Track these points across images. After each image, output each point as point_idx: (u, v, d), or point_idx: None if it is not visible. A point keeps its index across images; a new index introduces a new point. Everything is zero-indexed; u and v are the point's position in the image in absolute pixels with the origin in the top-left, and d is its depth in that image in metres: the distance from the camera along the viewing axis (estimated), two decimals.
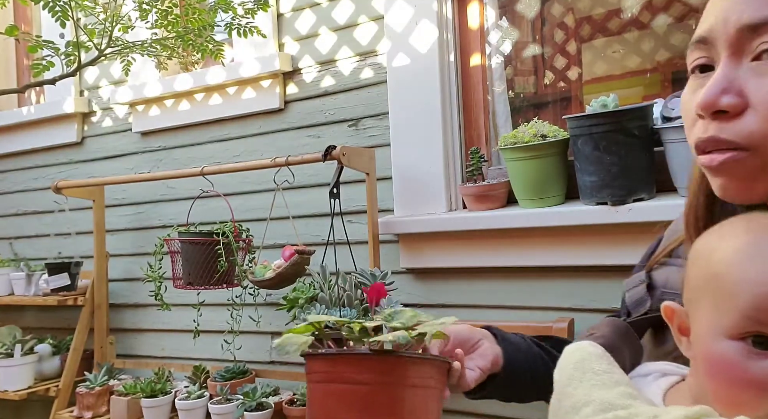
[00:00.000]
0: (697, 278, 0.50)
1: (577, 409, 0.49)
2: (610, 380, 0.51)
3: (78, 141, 2.63)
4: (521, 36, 1.91)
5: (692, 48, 0.57)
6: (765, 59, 0.51)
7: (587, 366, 0.53)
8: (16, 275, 2.50)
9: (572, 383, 0.52)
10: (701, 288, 0.50)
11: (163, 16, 1.76)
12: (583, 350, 0.55)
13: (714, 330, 0.47)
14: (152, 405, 1.98)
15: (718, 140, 0.52)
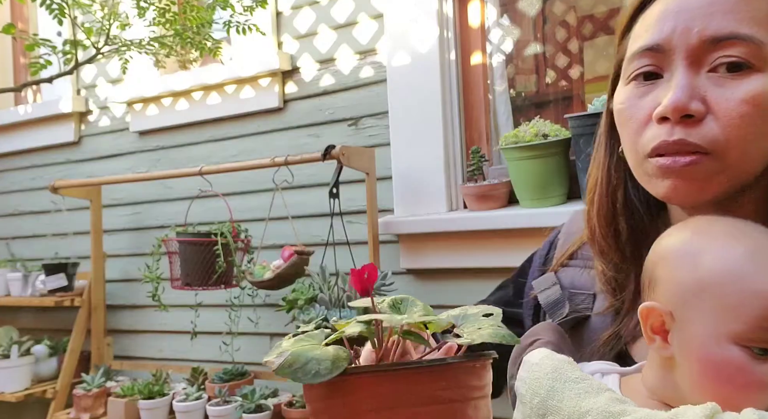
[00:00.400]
0: (688, 281, 0.51)
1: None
2: (592, 387, 0.51)
3: (75, 140, 2.61)
4: (522, 34, 1.90)
5: (639, 55, 0.59)
6: (721, 72, 0.54)
7: (563, 375, 0.53)
8: (13, 276, 2.49)
9: (555, 395, 0.51)
10: (695, 292, 0.51)
11: (161, 14, 1.74)
12: (551, 358, 0.55)
13: (717, 334, 0.48)
14: (150, 407, 1.96)
15: (686, 143, 0.54)
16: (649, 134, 0.57)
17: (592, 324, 0.67)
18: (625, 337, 0.63)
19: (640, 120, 0.58)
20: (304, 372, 0.43)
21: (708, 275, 0.50)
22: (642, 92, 0.59)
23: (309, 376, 0.43)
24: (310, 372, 0.43)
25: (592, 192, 0.68)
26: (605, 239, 0.65)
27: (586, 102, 1.89)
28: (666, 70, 0.58)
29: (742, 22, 0.54)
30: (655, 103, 0.57)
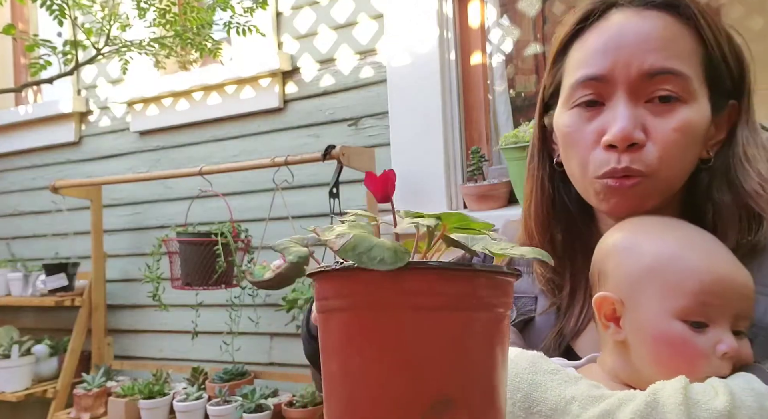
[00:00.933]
0: (633, 269, 0.59)
1: (562, 409, 0.53)
2: (569, 377, 0.56)
3: (75, 141, 2.61)
4: (522, 34, 1.90)
5: (582, 84, 0.65)
6: (656, 102, 0.63)
7: (541, 368, 0.56)
8: (14, 276, 2.49)
9: (538, 387, 0.55)
10: (641, 278, 0.58)
11: (161, 15, 1.75)
12: (524, 355, 0.58)
13: (664, 312, 0.55)
14: (150, 406, 1.97)
15: (631, 169, 0.63)
16: (597, 158, 0.65)
17: (537, 325, 0.72)
18: (568, 334, 0.69)
19: (587, 144, 0.66)
20: (369, 258, 0.40)
21: (650, 261, 0.58)
22: (586, 118, 0.66)
23: (375, 262, 0.39)
24: (376, 259, 0.40)
25: (528, 201, 0.75)
26: (543, 244, 0.72)
27: None
28: (607, 99, 0.65)
29: (673, 59, 0.62)
30: (600, 129, 0.65)
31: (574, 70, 0.67)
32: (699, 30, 0.64)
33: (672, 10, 0.64)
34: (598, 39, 0.65)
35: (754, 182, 0.63)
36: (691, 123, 0.63)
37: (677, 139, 0.62)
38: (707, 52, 0.65)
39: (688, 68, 0.63)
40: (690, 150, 0.64)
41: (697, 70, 0.64)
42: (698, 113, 0.64)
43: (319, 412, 1.77)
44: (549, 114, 0.74)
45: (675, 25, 0.64)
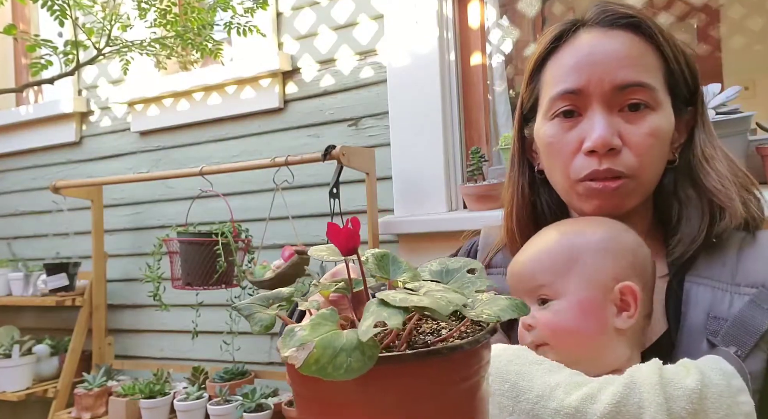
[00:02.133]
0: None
1: (547, 395, 0.56)
2: (552, 366, 0.60)
3: (76, 141, 2.62)
4: (522, 35, 1.90)
5: (560, 97, 0.72)
6: (627, 111, 0.70)
7: (525, 359, 0.61)
8: (14, 276, 2.49)
9: (524, 377, 0.59)
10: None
11: (162, 15, 1.75)
12: (509, 349, 0.63)
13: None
14: (151, 406, 1.97)
15: (613, 170, 0.69)
16: (579, 164, 0.71)
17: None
18: None
19: (569, 151, 0.72)
20: (335, 367, 0.36)
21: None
22: (566, 128, 0.73)
23: (341, 372, 0.36)
24: (342, 368, 0.36)
25: (510, 206, 0.82)
26: (522, 245, 0.77)
27: None
28: (584, 110, 0.72)
29: (641, 73, 0.70)
30: (579, 138, 0.71)
31: (551, 85, 0.74)
32: (659, 46, 0.72)
33: (635, 29, 0.72)
34: (572, 57, 0.73)
35: (714, 179, 0.70)
36: (660, 128, 0.70)
37: (651, 142, 0.70)
38: (668, 65, 0.72)
39: (654, 80, 0.70)
40: (661, 152, 0.72)
41: (660, 82, 0.71)
42: (665, 119, 0.71)
43: None
44: (528, 126, 0.81)
45: (639, 42, 0.71)
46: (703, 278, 0.67)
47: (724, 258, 0.68)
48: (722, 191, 0.70)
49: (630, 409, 0.53)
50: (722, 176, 0.70)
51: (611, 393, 0.54)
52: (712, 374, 0.55)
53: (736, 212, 0.69)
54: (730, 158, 0.73)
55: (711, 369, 0.55)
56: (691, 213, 0.71)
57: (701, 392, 0.53)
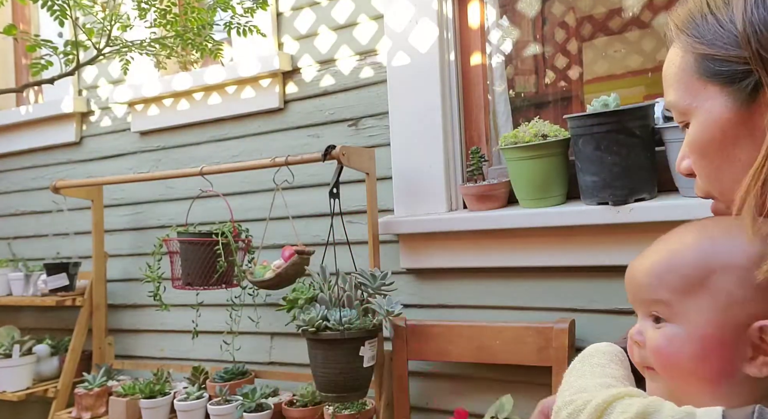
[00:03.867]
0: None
1: (563, 390, 0.58)
2: (601, 372, 0.59)
3: (76, 141, 2.62)
4: (522, 35, 1.90)
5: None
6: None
7: (589, 360, 0.62)
8: (15, 276, 2.50)
9: (572, 371, 0.62)
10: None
11: (162, 15, 1.75)
12: (594, 348, 0.64)
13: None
14: (151, 406, 1.97)
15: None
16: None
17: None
18: None
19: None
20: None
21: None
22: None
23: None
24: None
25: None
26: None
27: (585, 103, 1.89)
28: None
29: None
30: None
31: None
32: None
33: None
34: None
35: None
36: (695, 140, 0.63)
37: (694, 160, 0.64)
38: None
39: (689, 97, 0.63)
40: (715, 160, 0.62)
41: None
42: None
43: (320, 411, 1.78)
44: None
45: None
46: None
47: None
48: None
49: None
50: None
51: (573, 406, 0.53)
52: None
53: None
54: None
55: (669, 416, 0.47)
56: None
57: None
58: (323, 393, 1.59)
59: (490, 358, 1.59)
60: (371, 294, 1.60)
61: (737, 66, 0.54)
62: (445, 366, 1.78)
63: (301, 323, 1.55)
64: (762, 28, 0.52)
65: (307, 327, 1.53)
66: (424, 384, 1.82)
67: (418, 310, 1.84)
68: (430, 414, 1.81)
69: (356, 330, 1.52)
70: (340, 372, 1.55)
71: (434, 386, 1.81)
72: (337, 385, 1.56)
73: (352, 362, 1.54)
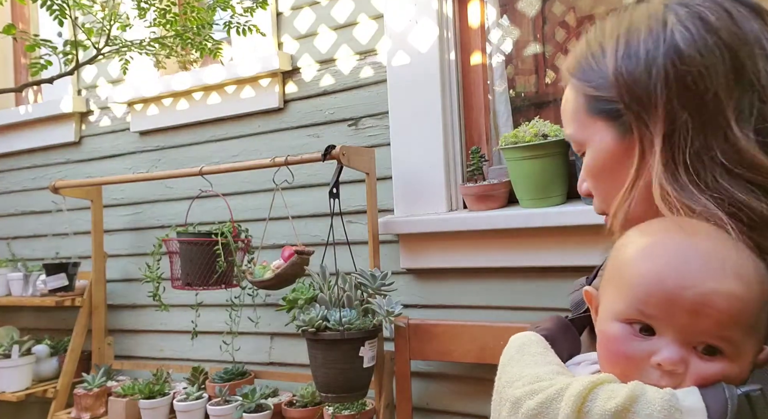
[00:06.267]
0: (609, 267, 0.58)
1: (511, 382, 0.57)
2: (543, 360, 0.59)
3: (76, 141, 2.62)
4: (522, 35, 1.90)
5: None
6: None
7: (526, 349, 0.62)
8: (14, 276, 2.49)
9: (511, 362, 0.61)
10: (609, 277, 0.58)
11: (162, 15, 1.75)
12: (526, 337, 0.64)
13: (610, 312, 0.55)
14: (150, 406, 1.97)
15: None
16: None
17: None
18: None
19: None
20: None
21: (617, 263, 0.57)
22: None
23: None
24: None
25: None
26: None
27: None
28: None
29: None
30: None
31: None
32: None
33: None
34: None
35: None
36: (588, 164, 0.71)
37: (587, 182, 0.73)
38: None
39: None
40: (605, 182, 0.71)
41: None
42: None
43: (319, 412, 1.77)
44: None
45: None
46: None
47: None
48: None
49: (548, 415, 0.51)
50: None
51: (544, 395, 0.52)
52: (653, 403, 0.48)
53: None
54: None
55: (657, 399, 0.48)
56: None
57: (620, 417, 0.47)
58: (323, 393, 1.59)
59: (493, 359, 1.58)
60: (371, 294, 1.60)
61: (616, 105, 0.63)
62: (447, 366, 1.78)
63: (300, 323, 1.55)
64: (627, 77, 0.61)
65: (306, 327, 1.53)
66: (425, 385, 1.82)
67: (418, 310, 1.83)
68: (430, 414, 1.81)
69: (356, 331, 1.52)
70: (340, 373, 1.55)
71: (435, 386, 1.81)
72: (337, 385, 1.56)
73: (352, 362, 1.54)
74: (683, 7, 0.61)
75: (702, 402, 0.48)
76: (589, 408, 0.49)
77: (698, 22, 0.60)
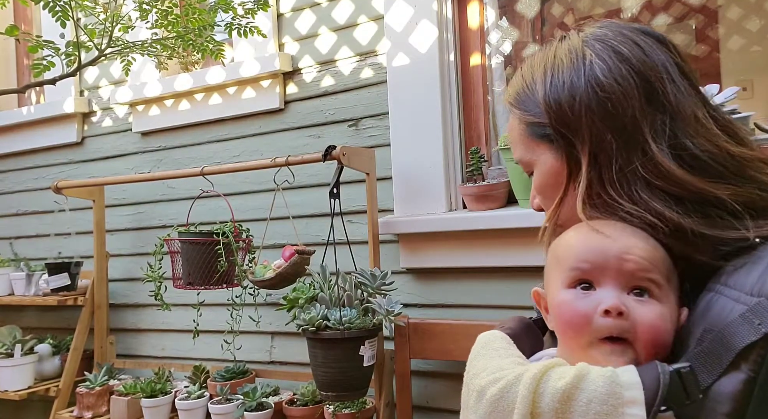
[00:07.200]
0: (547, 264, 0.68)
1: (477, 374, 0.61)
2: (506, 353, 0.64)
3: (78, 141, 2.63)
4: (521, 36, 1.91)
5: None
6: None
7: (490, 345, 0.67)
8: (16, 275, 2.50)
9: (477, 357, 0.65)
10: (549, 268, 0.67)
11: (164, 16, 1.76)
12: (491, 334, 0.69)
13: (557, 288, 0.64)
14: (152, 405, 1.98)
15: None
16: None
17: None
18: None
19: None
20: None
21: (551, 256, 0.67)
22: None
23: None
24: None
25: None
26: None
27: None
28: None
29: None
30: None
31: None
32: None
33: None
34: None
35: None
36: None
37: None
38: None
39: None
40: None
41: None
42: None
43: (320, 410, 1.78)
44: None
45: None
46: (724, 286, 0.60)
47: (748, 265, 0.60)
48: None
49: (508, 398, 0.56)
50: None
51: (504, 381, 0.57)
52: (597, 380, 0.53)
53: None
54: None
55: (599, 376, 0.54)
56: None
57: (569, 394, 0.53)
58: (323, 392, 1.60)
59: None
60: (371, 294, 1.60)
61: (552, 130, 0.69)
62: (447, 365, 1.79)
63: (301, 322, 1.56)
64: (554, 104, 0.68)
65: (307, 327, 1.54)
66: (425, 383, 1.83)
67: (418, 310, 1.84)
68: (430, 413, 1.82)
69: (356, 330, 1.53)
70: (340, 371, 1.56)
71: (435, 385, 1.82)
72: (338, 384, 1.57)
73: (352, 361, 1.55)
74: (599, 42, 0.68)
75: (638, 377, 0.54)
76: (543, 389, 0.54)
77: (613, 54, 0.66)
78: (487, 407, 0.58)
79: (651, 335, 0.58)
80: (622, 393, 0.53)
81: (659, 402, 0.53)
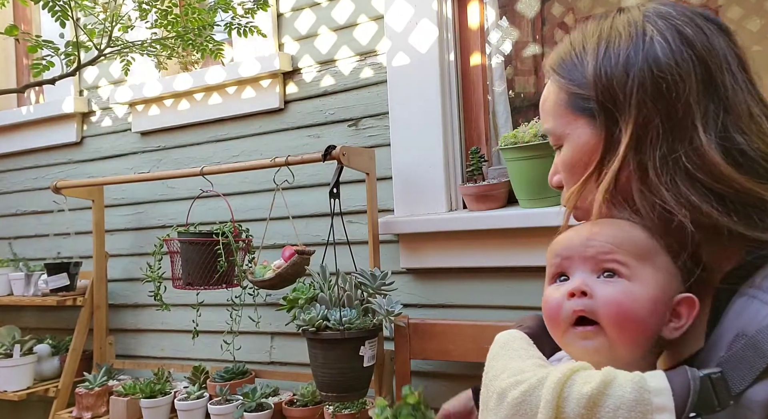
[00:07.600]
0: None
1: (497, 376, 0.60)
2: (526, 354, 0.63)
3: (77, 141, 2.63)
4: (521, 36, 1.91)
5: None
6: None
7: (510, 345, 0.66)
8: (15, 276, 2.50)
9: (496, 358, 0.64)
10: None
11: (163, 16, 1.76)
12: (510, 334, 0.68)
13: (545, 288, 0.66)
14: (152, 405, 1.98)
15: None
16: None
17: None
18: None
19: None
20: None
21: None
22: None
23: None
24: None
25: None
26: None
27: None
28: None
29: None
30: None
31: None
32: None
33: None
34: None
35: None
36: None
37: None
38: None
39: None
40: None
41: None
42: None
43: (320, 411, 1.78)
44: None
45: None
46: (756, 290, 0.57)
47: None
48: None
49: (531, 402, 0.54)
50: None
51: (527, 384, 0.56)
52: (624, 386, 0.52)
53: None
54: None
55: (627, 381, 0.53)
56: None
57: (595, 399, 0.52)
58: (323, 392, 1.59)
59: None
60: (371, 294, 1.60)
61: (593, 103, 0.66)
62: (447, 365, 1.78)
63: (301, 322, 1.55)
64: (605, 77, 0.64)
65: (307, 327, 1.54)
66: (425, 384, 1.82)
67: (418, 310, 1.84)
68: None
69: (356, 330, 1.53)
70: (340, 372, 1.55)
71: (435, 385, 1.81)
72: (338, 385, 1.56)
73: (352, 361, 1.55)
74: (662, 19, 0.64)
75: (667, 383, 0.52)
76: (568, 394, 0.53)
77: (676, 34, 0.63)
78: (508, 410, 0.56)
79: (613, 309, 0.58)
80: (651, 400, 0.51)
81: (689, 409, 0.51)
